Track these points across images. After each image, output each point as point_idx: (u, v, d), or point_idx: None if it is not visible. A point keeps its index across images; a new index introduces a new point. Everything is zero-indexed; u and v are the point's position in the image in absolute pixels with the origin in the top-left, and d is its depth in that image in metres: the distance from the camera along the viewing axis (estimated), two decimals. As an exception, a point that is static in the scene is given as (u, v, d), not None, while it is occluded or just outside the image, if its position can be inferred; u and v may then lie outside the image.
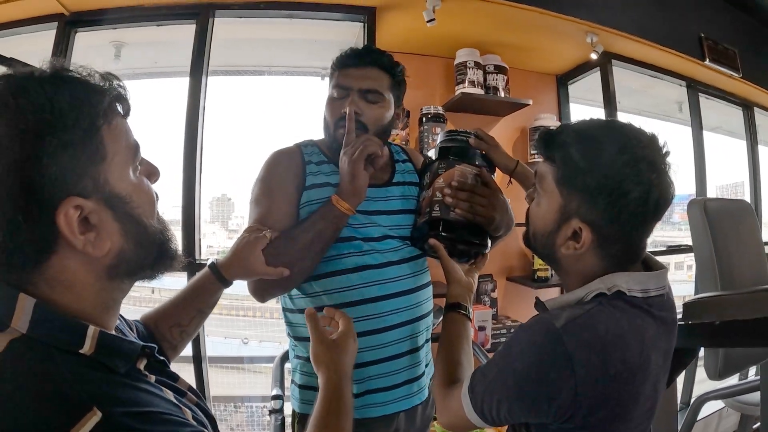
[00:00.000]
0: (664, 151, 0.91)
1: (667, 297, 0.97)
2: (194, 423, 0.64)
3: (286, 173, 1.34)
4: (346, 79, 1.33)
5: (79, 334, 0.61)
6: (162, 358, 0.71)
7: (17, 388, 0.55)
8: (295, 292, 1.36)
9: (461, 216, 1.26)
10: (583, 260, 0.96)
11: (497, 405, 0.91)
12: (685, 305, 1.69)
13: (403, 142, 2.71)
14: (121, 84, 0.67)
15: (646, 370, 0.89)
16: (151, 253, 0.69)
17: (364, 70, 1.34)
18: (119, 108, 0.67)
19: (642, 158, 0.87)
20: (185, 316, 1.08)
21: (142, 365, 0.67)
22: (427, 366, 1.44)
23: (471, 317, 1.23)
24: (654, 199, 0.87)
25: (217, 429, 0.67)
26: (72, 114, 0.59)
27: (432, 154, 1.42)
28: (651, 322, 0.91)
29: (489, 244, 1.35)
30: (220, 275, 1.13)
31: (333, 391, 0.94)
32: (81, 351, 0.60)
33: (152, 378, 0.67)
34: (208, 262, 1.16)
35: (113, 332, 0.69)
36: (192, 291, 1.12)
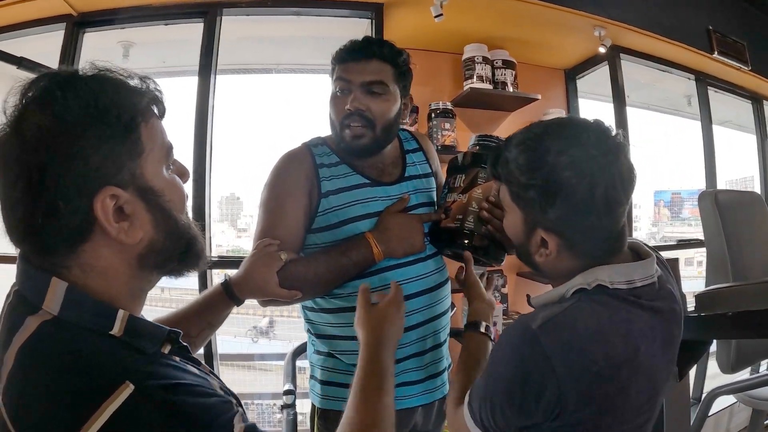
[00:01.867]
0: (609, 135, 0.89)
1: (660, 286, 0.95)
2: (222, 393, 0.66)
3: (296, 179, 1.31)
4: (347, 73, 1.28)
5: (109, 316, 0.63)
6: (185, 344, 0.72)
7: (51, 365, 0.58)
8: None
9: (492, 233, 1.24)
10: (560, 264, 0.96)
11: (492, 413, 0.91)
12: (698, 297, 1.68)
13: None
14: (157, 87, 0.71)
15: (633, 362, 0.87)
16: (179, 246, 0.72)
17: (366, 63, 1.28)
18: (155, 109, 0.70)
19: (579, 156, 0.86)
20: (194, 328, 1.08)
21: (167, 350, 0.68)
22: (448, 360, 1.45)
23: (492, 337, 1.20)
24: (600, 191, 0.85)
25: (241, 405, 0.68)
26: (114, 110, 0.63)
27: (460, 155, 1.38)
28: (639, 313, 0.90)
29: (503, 261, 1.35)
30: (232, 293, 1.15)
31: (371, 353, 0.99)
32: (111, 332, 0.62)
33: (177, 359, 0.68)
34: (222, 279, 1.18)
35: None
36: (203, 305, 1.14)
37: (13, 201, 0.61)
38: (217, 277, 2.58)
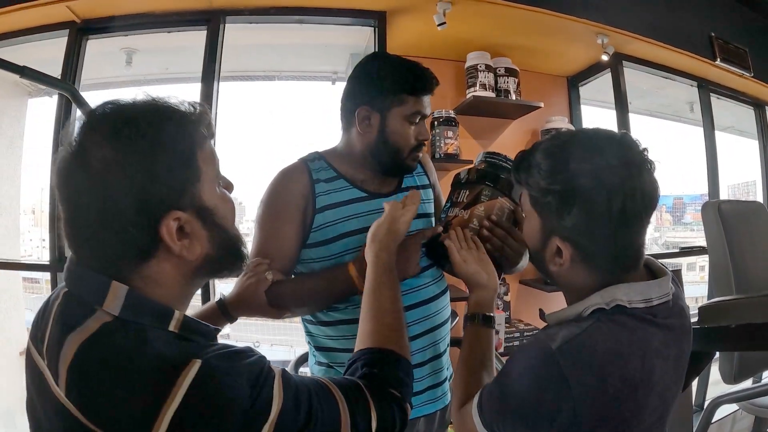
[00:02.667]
0: (635, 148, 0.89)
1: (673, 303, 0.94)
2: (263, 355, 0.73)
3: (291, 197, 1.32)
4: (425, 107, 1.32)
5: (167, 316, 0.70)
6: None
7: (123, 356, 0.64)
8: None
9: (490, 252, 1.22)
10: (574, 275, 0.95)
11: (503, 424, 0.91)
12: (701, 309, 1.68)
13: None
14: (206, 110, 0.77)
15: (648, 383, 0.87)
16: (230, 255, 0.80)
17: (429, 97, 1.34)
18: (206, 132, 0.75)
19: (600, 165, 0.86)
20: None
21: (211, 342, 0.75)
22: (449, 370, 1.45)
23: (494, 325, 1.18)
24: (618, 203, 0.84)
25: None
26: (175, 142, 0.69)
27: (465, 172, 1.37)
28: (655, 332, 0.89)
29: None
30: (226, 311, 1.24)
31: (387, 266, 1.06)
32: (169, 329, 0.69)
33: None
34: (217, 297, 1.26)
35: None
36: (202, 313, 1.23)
37: (84, 223, 0.68)
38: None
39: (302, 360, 1.87)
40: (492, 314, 1.17)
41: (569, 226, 0.89)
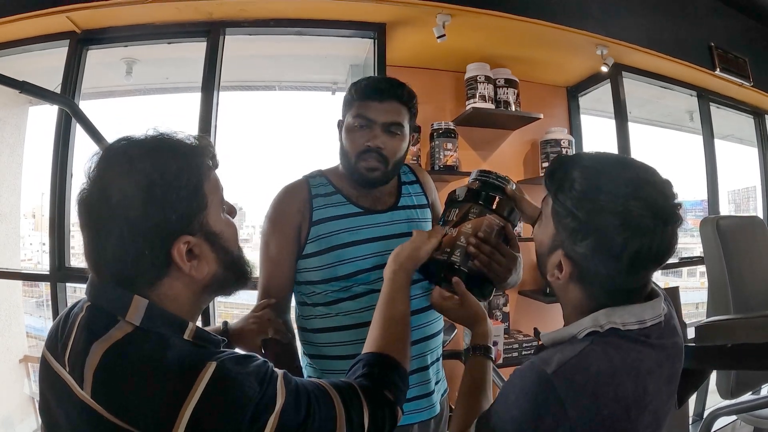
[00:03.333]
0: (669, 199, 0.86)
1: (665, 323, 0.95)
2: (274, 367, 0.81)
3: (289, 214, 1.40)
4: (369, 111, 1.35)
5: (182, 326, 0.78)
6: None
7: (145, 361, 0.72)
8: (309, 312, 1.41)
9: (478, 268, 1.23)
10: (569, 291, 0.97)
11: None
12: (698, 328, 1.69)
13: (414, 159, 2.73)
14: (211, 143, 0.87)
15: (641, 403, 0.88)
16: (235, 274, 0.89)
17: (387, 104, 1.36)
18: (211, 163, 0.85)
19: (632, 211, 0.83)
20: None
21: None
22: (437, 383, 1.46)
23: (493, 357, 1.22)
24: (632, 251, 0.83)
25: None
26: (184, 175, 0.77)
27: (461, 190, 1.36)
28: (649, 353, 0.90)
29: (491, 297, 1.36)
30: (227, 338, 1.28)
31: (402, 282, 1.15)
32: (184, 337, 0.77)
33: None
34: (222, 323, 1.36)
35: None
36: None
37: (104, 247, 0.76)
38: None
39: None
40: (490, 345, 1.20)
41: (579, 252, 0.89)
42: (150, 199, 0.74)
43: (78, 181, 0.81)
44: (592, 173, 0.91)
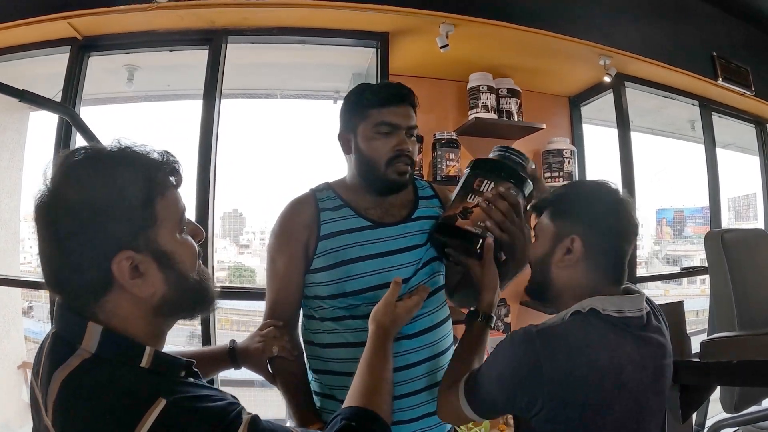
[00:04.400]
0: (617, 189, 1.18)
1: (648, 320, 1.11)
2: (230, 398, 0.78)
3: (295, 229, 1.39)
4: (393, 116, 1.35)
5: (139, 351, 0.75)
6: (196, 370, 0.83)
7: (96, 392, 0.70)
8: (317, 326, 1.39)
9: (508, 243, 1.27)
10: (575, 275, 1.15)
11: (485, 400, 1.08)
12: (703, 344, 1.69)
13: (417, 169, 2.70)
14: (175, 160, 0.82)
15: (617, 378, 1.00)
16: (189, 299, 0.84)
17: (404, 108, 1.37)
18: (173, 179, 0.81)
19: (608, 190, 1.17)
20: (205, 372, 1.15)
21: (182, 374, 0.80)
22: None
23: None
24: (622, 224, 1.14)
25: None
26: (132, 187, 0.74)
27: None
28: (630, 340, 1.04)
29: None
30: (235, 357, 1.31)
31: (381, 342, 1.15)
32: (141, 365, 0.74)
33: (192, 380, 0.81)
34: (230, 342, 1.34)
35: None
36: (208, 358, 1.31)
37: (49, 256, 0.74)
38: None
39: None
40: (493, 315, 1.29)
41: (585, 224, 1.13)
42: (93, 209, 0.71)
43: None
44: (566, 189, 1.27)
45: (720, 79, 3.24)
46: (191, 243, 0.85)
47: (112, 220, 0.73)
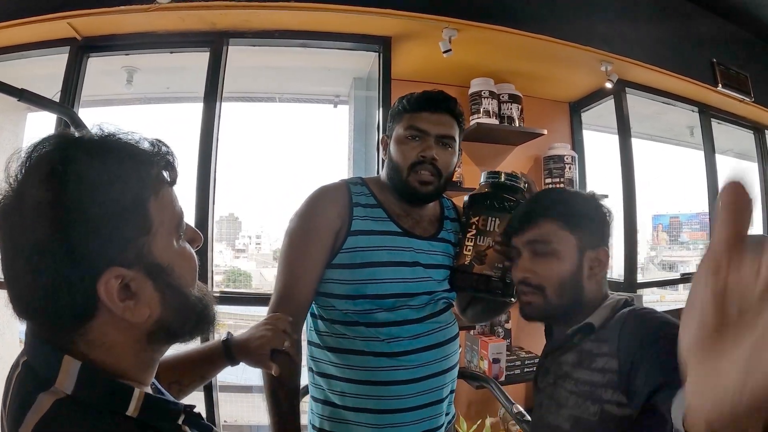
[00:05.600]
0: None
1: None
2: None
3: (328, 216, 1.33)
4: (422, 122, 1.34)
5: (124, 396, 0.61)
6: (198, 411, 0.71)
7: None
8: (323, 328, 1.36)
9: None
10: (593, 284, 1.15)
11: None
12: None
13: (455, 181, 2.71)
14: (169, 151, 0.67)
15: None
16: (190, 320, 0.69)
17: (441, 116, 1.36)
18: (167, 176, 0.66)
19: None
20: (187, 377, 1.08)
21: (181, 420, 0.67)
22: (447, 415, 1.43)
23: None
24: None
25: None
26: (118, 186, 0.59)
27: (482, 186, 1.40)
28: None
29: None
30: (230, 353, 1.14)
31: None
32: (127, 412, 0.60)
33: (187, 429, 0.68)
34: (223, 336, 1.16)
35: (150, 389, 0.70)
36: (199, 357, 1.13)
37: (15, 274, 0.58)
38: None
39: (304, 392, 1.85)
40: None
41: (600, 235, 1.17)
42: (69, 215, 0.56)
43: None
44: (560, 193, 1.31)
45: (720, 85, 3.25)
46: (191, 252, 0.71)
47: (93, 228, 0.57)
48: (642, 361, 0.99)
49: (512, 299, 1.29)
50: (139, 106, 3.09)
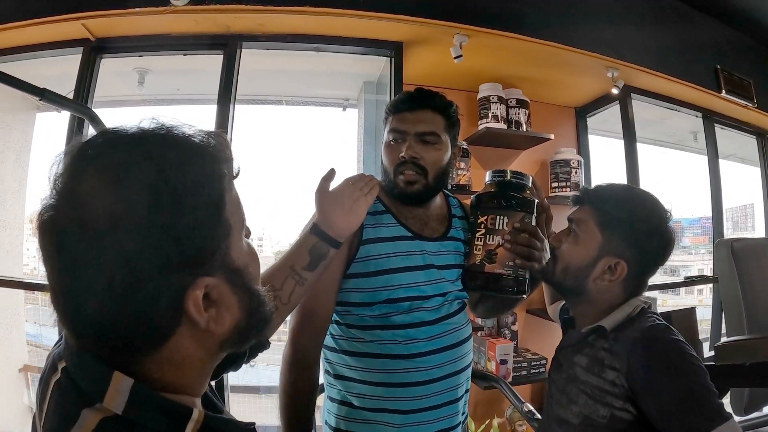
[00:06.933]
0: (670, 214, 1.21)
1: None
2: None
3: None
4: (401, 123, 1.34)
5: (181, 419, 0.55)
6: (255, 428, 0.65)
7: None
8: (340, 332, 1.36)
9: (533, 269, 1.28)
10: (610, 292, 1.20)
11: (719, 405, 1.05)
12: (716, 348, 1.72)
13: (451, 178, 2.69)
14: (228, 144, 0.61)
15: None
16: (259, 320, 0.64)
17: (420, 114, 1.34)
18: (230, 173, 0.61)
19: (664, 217, 1.19)
20: (279, 276, 1.08)
21: None
22: (463, 414, 1.44)
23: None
24: (671, 247, 1.19)
25: None
26: (202, 188, 0.54)
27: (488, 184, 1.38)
28: None
29: None
30: (327, 236, 1.17)
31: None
32: None
33: None
34: (310, 226, 1.21)
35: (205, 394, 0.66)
36: (287, 253, 1.15)
37: (84, 299, 0.51)
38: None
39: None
40: None
41: (634, 251, 1.16)
42: (151, 226, 0.50)
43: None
44: (625, 195, 1.26)
45: (723, 91, 3.28)
46: (254, 250, 0.65)
47: (179, 239, 0.51)
48: (651, 391, 1.04)
49: (524, 296, 1.30)
50: (150, 108, 3.11)
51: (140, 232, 0.49)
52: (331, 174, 1.23)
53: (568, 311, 1.39)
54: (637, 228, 1.16)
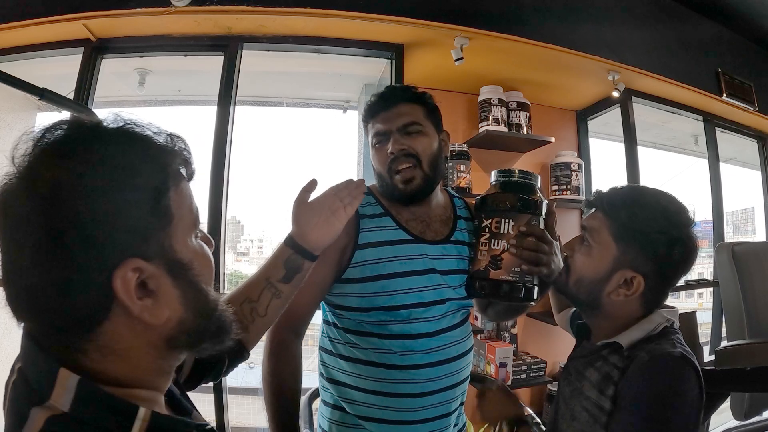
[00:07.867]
0: (693, 220, 1.10)
1: None
2: None
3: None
4: (382, 123, 1.32)
5: (128, 416, 0.54)
6: (210, 428, 0.65)
7: None
8: (336, 335, 1.34)
9: (542, 275, 1.18)
10: (627, 306, 1.12)
11: None
12: (717, 352, 1.72)
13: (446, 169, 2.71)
14: (187, 147, 0.63)
15: None
16: (212, 323, 0.63)
17: (396, 109, 1.32)
18: (184, 172, 0.63)
19: (685, 225, 1.09)
20: (255, 288, 1.04)
21: None
22: (456, 426, 1.40)
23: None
24: (693, 258, 1.09)
25: None
26: (144, 171, 0.56)
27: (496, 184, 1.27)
28: None
29: None
30: (301, 248, 1.09)
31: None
32: None
33: None
34: (284, 240, 1.12)
35: (164, 401, 0.65)
36: (262, 268, 1.09)
37: (18, 268, 0.52)
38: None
39: (315, 395, 1.86)
40: None
41: (653, 265, 1.08)
42: (87, 196, 0.51)
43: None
44: (642, 201, 1.12)
45: (724, 94, 3.29)
46: (208, 252, 0.66)
47: (115, 214, 0.53)
48: (620, 416, 1.01)
49: (533, 303, 1.21)
50: (150, 108, 3.11)
51: (72, 200, 0.51)
52: (311, 185, 1.15)
53: (580, 316, 1.31)
54: (654, 239, 1.07)
